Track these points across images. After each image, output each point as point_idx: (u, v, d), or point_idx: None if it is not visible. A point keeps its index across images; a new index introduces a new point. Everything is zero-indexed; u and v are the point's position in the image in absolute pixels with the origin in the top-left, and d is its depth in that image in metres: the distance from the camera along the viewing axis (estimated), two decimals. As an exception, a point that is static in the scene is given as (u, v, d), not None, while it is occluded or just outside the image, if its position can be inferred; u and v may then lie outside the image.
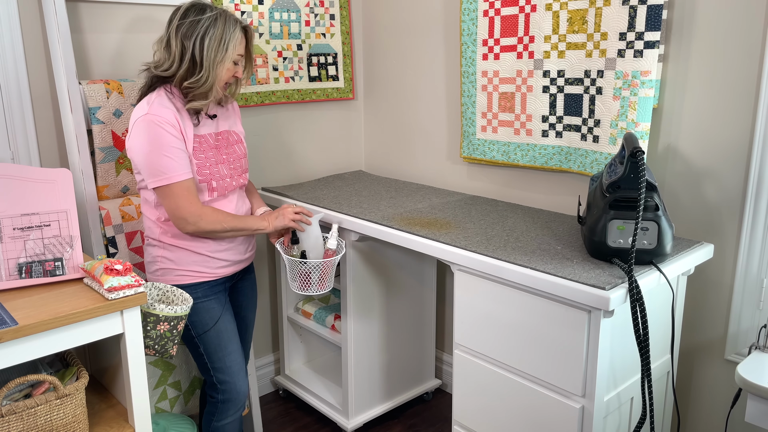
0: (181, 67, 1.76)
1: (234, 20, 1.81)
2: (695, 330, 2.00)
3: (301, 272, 1.99)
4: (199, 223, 1.78)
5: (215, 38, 1.75)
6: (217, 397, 1.94)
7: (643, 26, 1.84)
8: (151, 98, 1.78)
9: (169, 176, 1.74)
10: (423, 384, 2.70)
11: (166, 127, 1.73)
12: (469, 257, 1.78)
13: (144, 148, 1.73)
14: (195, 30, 1.75)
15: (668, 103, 1.93)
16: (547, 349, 1.66)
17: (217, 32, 1.76)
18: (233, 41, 1.79)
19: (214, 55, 1.76)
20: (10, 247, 1.58)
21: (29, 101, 2.01)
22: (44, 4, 1.95)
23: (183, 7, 1.80)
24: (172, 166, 1.74)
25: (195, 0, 1.82)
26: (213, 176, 1.85)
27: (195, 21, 1.75)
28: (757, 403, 1.59)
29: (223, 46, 1.77)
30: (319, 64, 2.74)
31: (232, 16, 1.82)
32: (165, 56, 1.79)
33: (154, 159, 1.73)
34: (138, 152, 1.75)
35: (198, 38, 1.75)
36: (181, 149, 1.76)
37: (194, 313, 1.88)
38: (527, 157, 2.28)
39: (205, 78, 1.76)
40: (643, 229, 1.61)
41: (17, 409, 1.41)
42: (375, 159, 3.00)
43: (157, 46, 1.83)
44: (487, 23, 2.30)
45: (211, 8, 1.79)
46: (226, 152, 1.91)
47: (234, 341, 1.94)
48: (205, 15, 1.76)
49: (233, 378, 1.93)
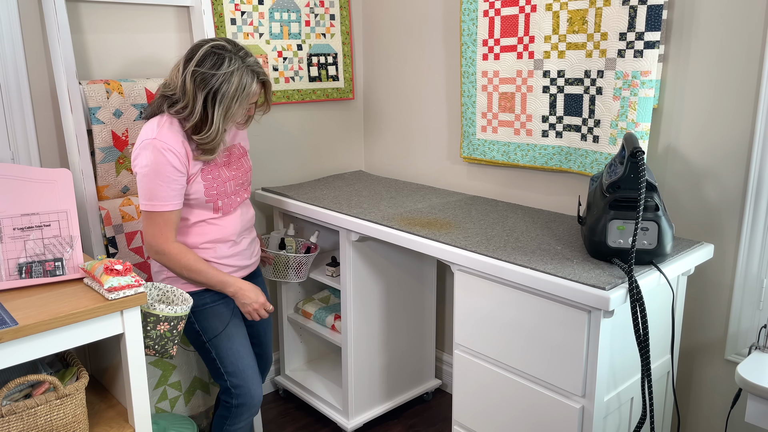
0: (192, 118, 1.72)
1: (252, 73, 1.75)
2: (695, 330, 2.00)
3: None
4: (161, 257, 1.80)
5: (228, 96, 1.72)
6: (231, 401, 1.92)
7: (643, 26, 1.84)
8: (161, 121, 1.75)
9: (156, 204, 1.75)
10: (423, 384, 2.70)
11: (169, 155, 1.72)
12: (469, 257, 1.78)
13: (143, 170, 1.74)
14: (209, 83, 1.70)
15: (668, 103, 1.93)
16: (547, 349, 1.66)
17: (231, 89, 1.71)
18: (245, 97, 1.76)
19: (225, 111, 1.73)
20: (10, 247, 1.58)
21: (29, 101, 2.01)
22: (44, 4, 1.95)
23: (202, 50, 1.72)
24: (162, 196, 1.74)
25: (216, 44, 1.74)
26: (219, 196, 1.86)
27: (210, 75, 1.70)
28: (757, 403, 1.59)
29: (235, 102, 1.74)
30: (319, 64, 2.74)
31: (252, 68, 1.75)
32: (180, 94, 1.74)
33: (149, 183, 1.74)
34: (138, 172, 1.76)
35: (211, 92, 1.70)
36: (177, 180, 1.75)
37: (204, 318, 1.88)
38: (527, 157, 2.28)
39: (213, 135, 1.74)
40: (643, 229, 1.61)
41: (17, 409, 1.41)
42: (375, 159, 3.00)
43: (174, 72, 1.78)
44: (487, 23, 2.30)
45: (230, 60, 1.71)
46: (233, 168, 1.92)
47: (245, 345, 1.94)
48: (221, 70, 1.70)
49: (247, 382, 1.91)
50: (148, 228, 1.78)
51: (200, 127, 1.74)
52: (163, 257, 1.79)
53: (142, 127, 2.10)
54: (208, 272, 1.83)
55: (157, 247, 1.78)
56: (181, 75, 1.73)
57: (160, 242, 1.77)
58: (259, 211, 2.69)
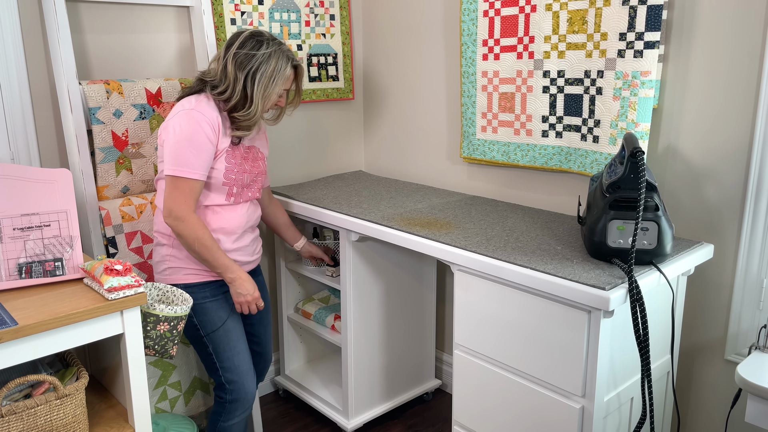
0: (233, 98, 1.84)
1: (287, 58, 1.88)
2: (695, 330, 2.00)
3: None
4: (179, 224, 1.80)
5: (266, 75, 1.84)
6: (225, 397, 1.94)
7: (643, 26, 1.84)
8: (199, 97, 1.85)
9: (185, 170, 1.78)
10: (423, 384, 2.70)
11: (205, 126, 1.79)
12: (469, 257, 1.78)
13: (176, 136, 1.78)
14: (249, 63, 1.83)
15: (668, 104, 1.93)
16: (547, 350, 1.66)
17: (269, 69, 1.84)
18: (282, 78, 1.88)
19: (263, 90, 1.85)
20: (10, 247, 1.58)
21: (29, 101, 2.01)
22: (44, 4, 1.95)
23: (243, 35, 1.86)
24: (191, 163, 1.78)
25: (255, 30, 1.89)
26: (236, 182, 1.90)
27: (251, 55, 1.83)
28: (757, 403, 1.59)
29: (272, 82, 1.86)
30: (319, 64, 2.74)
31: (286, 53, 1.89)
32: (222, 77, 1.86)
33: (180, 149, 1.77)
34: (169, 138, 1.79)
35: (251, 72, 1.83)
36: (207, 151, 1.81)
37: (202, 312, 1.89)
38: (527, 158, 2.28)
39: (254, 112, 1.85)
40: (643, 229, 1.61)
41: (17, 409, 1.41)
42: (375, 159, 3.00)
43: (214, 61, 1.92)
44: (487, 23, 2.30)
45: (267, 43, 1.86)
46: (251, 164, 1.97)
47: (242, 341, 1.95)
48: (260, 51, 1.84)
49: (241, 378, 1.93)
50: (173, 192, 1.79)
51: (242, 105, 1.85)
52: (181, 224, 1.80)
53: (142, 126, 2.11)
54: (217, 252, 1.84)
55: (178, 212, 1.79)
56: (222, 60, 1.87)
57: (183, 208, 1.79)
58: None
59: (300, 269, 2.57)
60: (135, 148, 2.10)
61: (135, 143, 2.10)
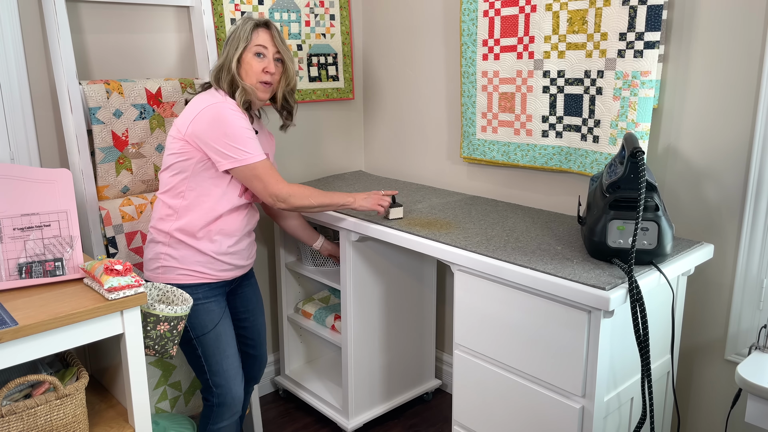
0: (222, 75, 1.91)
1: (251, 20, 1.94)
2: (695, 330, 2.00)
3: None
4: (289, 199, 1.88)
5: (233, 35, 1.92)
6: (212, 400, 1.94)
7: (643, 26, 1.84)
8: (219, 93, 1.90)
9: (253, 155, 1.82)
10: (423, 384, 2.70)
11: (240, 114, 1.84)
12: (469, 257, 1.78)
13: (221, 130, 1.79)
14: (228, 38, 1.95)
15: (668, 103, 1.93)
16: (547, 350, 1.66)
17: (236, 31, 1.92)
18: (244, 33, 1.90)
19: (231, 47, 1.91)
20: (10, 247, 1.58)
21: (29, 101, 2.01)
22: (44, 4, 1.95)
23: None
24: (252, 146, 1.83)
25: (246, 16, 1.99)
26: None
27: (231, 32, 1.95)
28: (757, 404, 1.59)
29: (235, 38, 1.91)
30: (319, 64, 2.74)
31: (253, 19, 1.94)
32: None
33: (235, 140, 1.80)
34: (209, 134, 1.80)
35: (227, 41, 1.94)
36: (254, 135, 1.86)
37: (194, 314, 1.88)
38: (527, 158, 2.28)
39: (227, 66, 1.89)
40: (643, 229, 1.61)
41: (17, 409, 1.41)
42: (375, 159, 3.00)
43: None
44: (487, 23, 2.30)
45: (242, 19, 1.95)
46: None
47: (232, 345, 1.94)
48: (235, 25, 1.95)
49: (229, 382, 1.92)
50: (263, 180, 1.84)
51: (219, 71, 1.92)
52: (292, 199, 1.89)
53: (142, 126, 2.11)
54: (332, 195, 2.01)
55: (282, 193, 1.86)
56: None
57: (282, 186, 1.86)
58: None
59: (300, 269, 2.57)
60: (135, 148, 2.10)
61: (135, 143, 2.10)
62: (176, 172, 1.85)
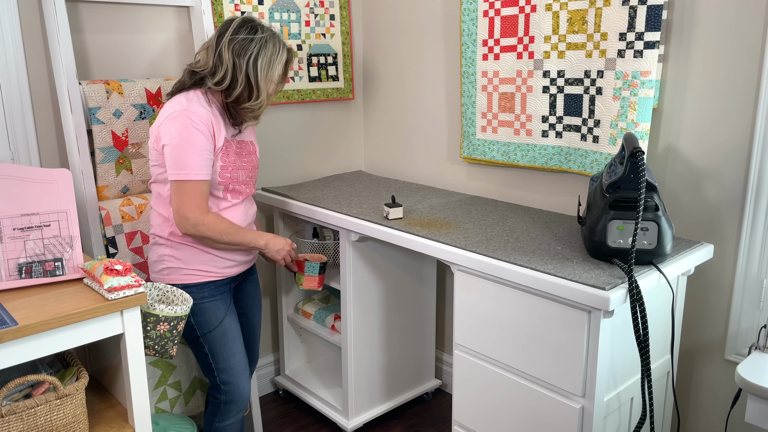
0: (237, 87, 1.80)
1: (282, 44, 1.87)
2: (695, 330, 2.00)
3: None
4: (199, 227, 1.79)
5: (266, 59, 1.81)
6: (219, 397, 1.94)
7: (643, 26, 1.84)
8: (189, 96, 1.80)
9: (188, 173, 1.76)
10: (423, 384, 2.70)
11: (201, 126, 1.76)
12: (469, 257, 1.78)
13: (174, 140, 1.75)
14: (248, 50, 1.79)
15: (668, 103, 1.93)
16: (547, 350, 1.66)
17: (268, 53, 1.81)
18: (280, 62, 1.85)
19: (264, 75, 1.82)
20: (10, 247, 1.58)
21: (29, 101, 2.01)
22: (44, 4, 1.95)
23: (235, 22, 1.83)
24: (194, 164, 1.76)
25: (247, 17, 1.86)
26: (231, 180, 1.88)
27: (248, 39, 1.79)
28: (757, 404, 1.59)
29: (272, 67, 1.83)
30: (319, 64, 2.74)
31: (281, 39, 1.87)
32: (215, 66, 1.81)
33: (181, 153, 1.75)
34: (167, 143, 1.77)
35: (252, 58, 1.79)
36: (207, 151, 1.78)
37: (199, 312, 1.88)
38: (527, 158, 2.28)
39: (262, 101, 1.83)
40: (643, 229, 1.61)
41: (17, 409, 1.41)
42: (375, 159, 3.00)
43: (202, 51, 1.87)
44: (487, 23, 2.30)
45: (262, 29, 1.84)
46: (245, 160, 1.94)
47: (238, 342, 1.95)
48: (257, 35, 1.80)
49: (236, 379, 1.93)
50: (183, 200, 1.77)
51: (248, 94, 1.81)
52: (201, 227, 1.79)
53: (142, 126, 2.11)
54: (243, 234, 1.88)
55: (195, 219, 1.78)
56: (215, 48, 1.81)
57: (198, 213, 1.78)
58: (260, 212, 2.69)
59: (300, 269, 2.57)
60: (135, 148, 2.10)
61: (135, 143, 2.10)
62: (161, 181, 1.85)
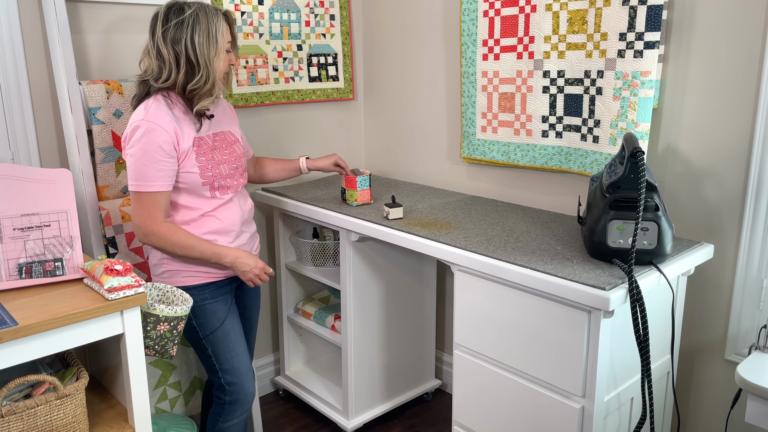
0: (179, 72, 1.76)
1: (214, 10, 1.79)
2: (695, 330, 2.00)
3: None
4: (149, 236, 1.78)
5: (203, 33, 1.74)
6: (224, 398, 1.93)
7: (643, 26, 1.84)
8: (148, 104, 1.77)
9: (144, 184, 1.74)
10: (423, 384, 2.70)
11: (160, 134, 1.72)
12: (469, 257, 1.78)
13: (131, 150, 1.74)
14: (182, 32, 1.73)
15: (668, 104, 1.93)
16: (547, 350, 1.66)
17: (203, 27, 1.74)
18: (220, 31, 1.78)
19: (207, 50, 1.75)
20: (10, 247, 1.58)
21: (29, 101, 2.01)
22: (44, 4, 1.95)
23: (161, 12, 1.76)
24: (150, 176, 1.74)
25: (168, 3, 1.78)
26: (215, 178, 1.85)
27: (179, 23, 1.73)
28: (757, 404, 1.59)
29: (213, 39, 1.76)
30: (319, 64, 2.74)
31: (212, 7, 1.79)
32: (159, 65, 1.77)
33: (136, 163, 1.74)
34: (127, 153, 1.76)
35: (188, 39, 1.73)
36: (167, 161, 1.75)
37: (201, 314, 1.88)
38: (527, 158, 2.28)
39: (206, 76, 1.77)
40: (643, 229, 1.61)
41: (17, 409, 1.41)
42: (375, 159, 3.00)
43: (144, 56, 1.82)
44: (487, 23, 2.30)
45: (188, 5, 1.76)
46: (226, 152, 1.91)
47: (241, 342, 1.94)
48: (185, 14, 1.74)
49: (241, 379, 1.92)
50: (137, 210, 1.77)
51: (192, 74, 1.76)
52: (153, 238, 1.78)
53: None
54: (201, 246, 1.81)
55: (145, 228, 1.77)
56: (153, 48, 1.77)
57: (148, 223, 1.76)
58: (259, 212, 2.69)
59: (300, 269, 2.57)
60: (135, 148, 2.10)
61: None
62: None
